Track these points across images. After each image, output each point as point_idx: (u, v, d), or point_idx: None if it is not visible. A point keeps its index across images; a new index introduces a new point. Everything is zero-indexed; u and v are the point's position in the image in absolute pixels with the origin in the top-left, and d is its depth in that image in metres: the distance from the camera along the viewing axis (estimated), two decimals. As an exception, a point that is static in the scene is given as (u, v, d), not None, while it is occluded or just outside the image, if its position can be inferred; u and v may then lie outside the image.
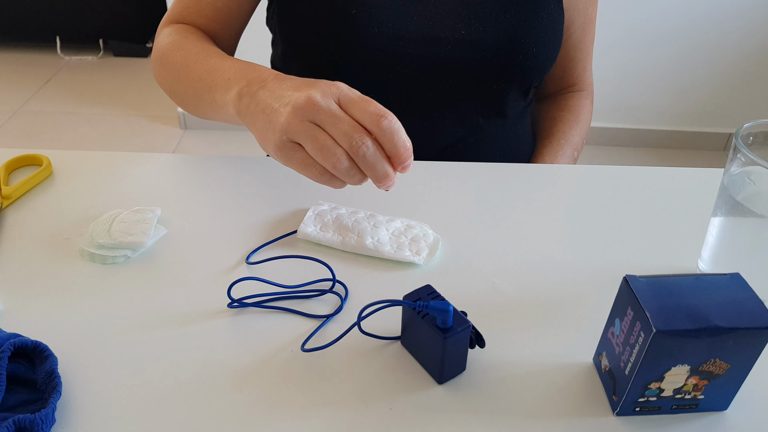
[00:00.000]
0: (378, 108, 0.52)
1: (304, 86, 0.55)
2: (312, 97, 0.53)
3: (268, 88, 0.58)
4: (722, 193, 0.55)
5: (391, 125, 0.52)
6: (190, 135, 2.41)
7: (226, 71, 0.64)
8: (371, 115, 0.52)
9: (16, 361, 0.47)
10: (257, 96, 0.58)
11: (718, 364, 0.45)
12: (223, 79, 0.64)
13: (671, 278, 0.46)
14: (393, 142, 0.52)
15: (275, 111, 0.55)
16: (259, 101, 0.58)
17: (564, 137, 0.91)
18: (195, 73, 0.69)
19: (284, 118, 0.53)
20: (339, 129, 0.52)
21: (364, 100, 0.53)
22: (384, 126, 0.52)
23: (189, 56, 0.71)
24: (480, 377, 0.49)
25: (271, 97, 0.57)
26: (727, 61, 2.30)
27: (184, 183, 0.70)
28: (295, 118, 0.53)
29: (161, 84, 0.78)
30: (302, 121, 0.53)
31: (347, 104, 0.53)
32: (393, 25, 0.75)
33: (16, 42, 2.98)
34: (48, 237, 0.61)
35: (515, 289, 0.58)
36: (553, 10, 0.80)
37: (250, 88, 0.59)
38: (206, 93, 0.67)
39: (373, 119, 0.52)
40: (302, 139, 0.53)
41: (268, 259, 0.60)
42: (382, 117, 0.52)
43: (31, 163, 0.72)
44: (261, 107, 0.57)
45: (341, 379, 0.49)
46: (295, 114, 0.53)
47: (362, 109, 0.53)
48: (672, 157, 2.45)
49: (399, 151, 0.53)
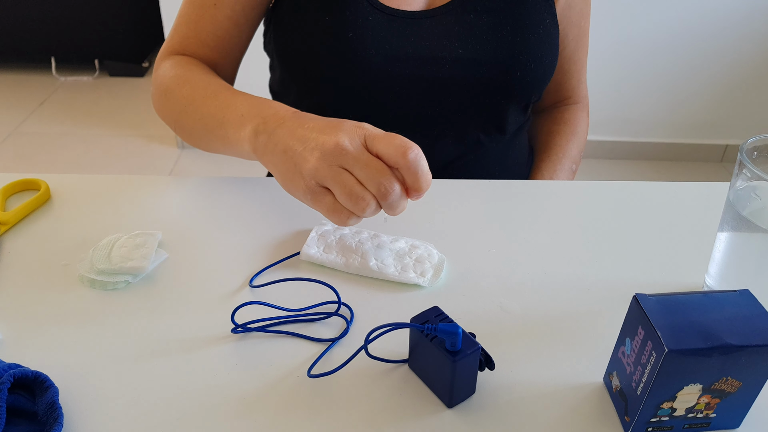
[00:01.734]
0: (403, 141, 0.53)
1: (329, 129, 0.55)
2: (340, 142, 0.53)
3: (287, 127, 0.58)
4: (728, 208, 0.55)
5: (417, 158, 0.53)
6: (187, 154, 2.41)
7: (239, 107, 0.64)
8: (397, 147, 0.53)
9: (17, 392, 0.46)
10: (276, 135, 0.58)
11: (730, 382, 0.44)
12: (236, 115, 0.64)
13: (681, 296, 0.46)
14: (417, 176, 0.53)
15: (299, 155, 0.55)
16: (278, 141, 0.57)
17: (562, 151, 0.91)
18: (205, 108, 0.69)
19: (312, 163, 0.54)
20: (367, 173, 0.53)
21: (389, 135, 0.54)
22: (411, 158, 0.53)
23: (196, 90, 0.71)
24: (490, 400, 0.49)
25: (293, 138, 0.56)
26: (723, 72, 2.32)
27: (184, 205, 0.70)
28: (324, 164, 0.53)
29: (165, 118, 0.77)
30: (331, 167, 0.53)
31: (371, 142, 0.54)
32: (390, 46, 0.75)
33: (10, 63, 2.99)
34: (47, 263, 0.61)
35: (522, 308, 0.57)
36: (549, 25, 0.80)
37: (267, 126, 0.59)
38: (217, 129, 0.66)
39: (399, 151, 0.52)
40: (331, 184, 0.53)
41: (271, 282, 0.59)
42: (408, 149, 0.53)
43: (29, 187, 0.71)
44: (281, 148, 0.57)
45: (349, 405, 0.48)
46: (323, 160, 0.53)
47: (388, 143, 0.53)
48: (669, 169, 2.45)
49: (421, 185, 0.54)
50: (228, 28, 0.79)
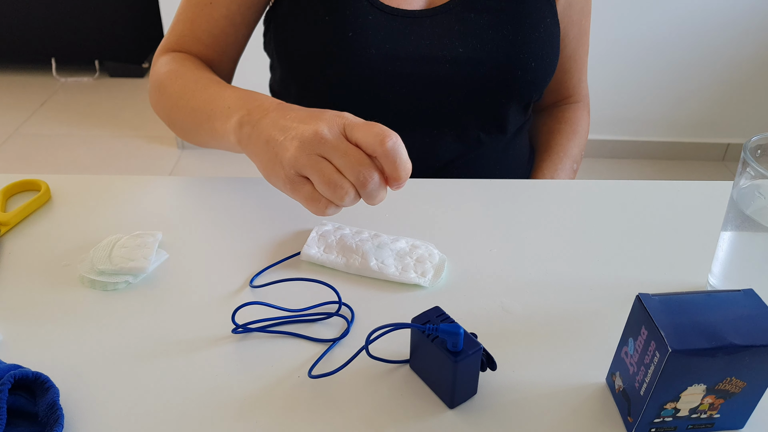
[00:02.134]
0: (382, 129, 0.52)
1: (309, 119, 0.55)
2: (319, 131, 0.53)
3: (271, 118, 0.57)
4: (731, 207, 0.55)
5: (395, 146, 0.52)
6: (187, 155, 2.40)
7: (226, 99, 0.64)
8: (375, 135, 0.52)
9: (17, 393, 0.46)
10: (259, 126, 0.58)
11: (734, 383, 0.44)
12: (223, 107, 0.63)
13: (685, 296, 0.45)
14: (395, 165, 0.52)
15: (280, 144, 0.55)
16: (261, 131, 0.57)
17: (563, 150, 0.91)
18: (194, 101, 0.69)
19: (291, 152, 0.53)
20: (346, 162, 0.52)
21: (368, 123, 0.53)
22: (389, 146, 0.52)
23: (187, 85, 0.71)
24: (492, 400, 0.48)
25: (275, 128, 0.56)
26: (723, 70, 2.31)
27: (185, 206, 0.70)
28: (303, 153, 0.53)
29: (159, 113, 0.78)
30: (309, 155, 0.53)
31: (350, 130, 0.53)
32: (390, 46, 0.75)
33: (11, 64, 2.99)
34: (47, 264, 0.60)
35: (524, 308, 0.57)
36: (550, 24, 0.80)
37: (251, 117, 0.59)
38: (205, 122, 0.66)
39: (377, 140, 0.52)
40: (309, 172, 0.53)
41: (272, 282, 0.59)
42: (386, 137, 0.52)
43: (29, 188, 0.71)
44: (264, 138, 0.57)
45: (350, 406, 0.48)
46: (302, 148, 0.53)
47: (366, 131, 0.53)
48: (671, 168, 2.45)
49: (399, 174, 0.53)
50: (224, 27, 0.79)
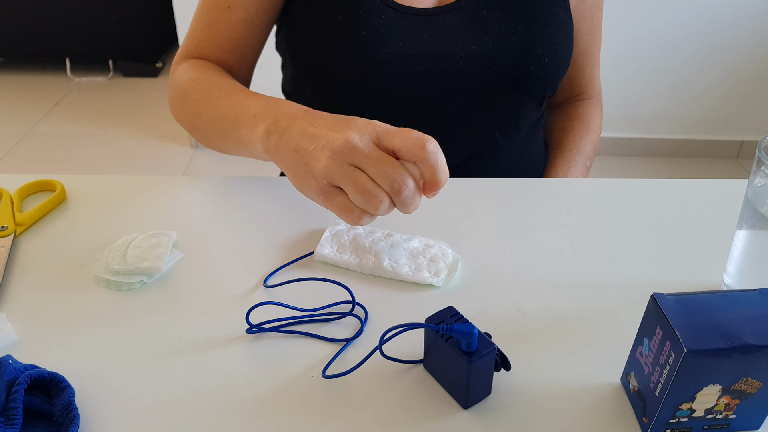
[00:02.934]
0: (419, 134, 0.52)
1: (339, 126, 0.54)
2: (350, 140, 0.52)
3: (299, 126, 0.57)
4: (746, 206, 0.54)
5: (436, 150, 0.52)
6: (201, 154, 2.42)
7: (251, 107, 0.64)
8: (414, 141, 0.52)
9: (33, 393, 0.46)
10: (287, 134, 0.58)
11: (750, 383, 0.43)
12: (249, 115, 0.63)
13: (700, 295, 0.45)
14: (435, 169, 0.52)
15: (310, 154, 0.54)
16: (290, 140, 0.57)
17: (576, 147, 0.90)
18: (218, 110, 0.69)
19: (323, 163, 0.53)
20: (379, 170, 0.51)
21: (403, 130, 0.53)
22: (430, 150, 0.51)
23: (211, 93, 0.71)
24: (506, 401, 0.48)
25: (303, 136, 0.56)
26: (737, 67, 2.29)
27: (199, 205, 0.70)
28: (334, 163, 0.52)
29: (181, 121, 0.78)
30: (342, 165, 0.52)
31: (386, 138, 0.53)
32: (403, 44, 0.75)
33: (25, 64, 3.01)
34: (62, 264, 0.61)
35: (538, 308, 0.57)
36: (563, 19, 0.80)
37: (278, 125, 0.59)
38: (231, 130, 0.66)
39: (417, 144, 0.51)
40: (343, 183, 0.52)
41: (285, 282, 0.59)
42: (427, 142, 0.51)
43: (44, 188, 0.72)
44: (293, 147, 0.56)
45: (364, 406, 0.48)
46: (333, 158, 0.52)
47: (404, 137, 0.52)
48: (684, 166, 2.43)
49: (439, 177, 0.52)
50: (242, 31, 0.79)
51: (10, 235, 0.64)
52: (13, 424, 0.43)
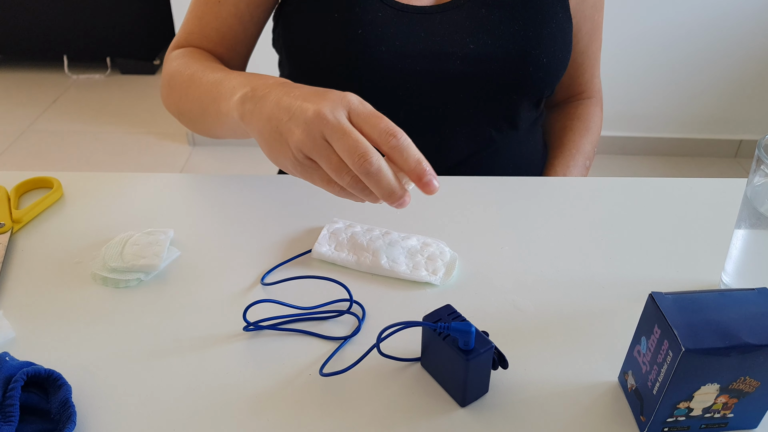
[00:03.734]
0: (388, 126, 0.51)
1: (313, 97, 0.53)
2: (321, 111, 0.51)
3: (274, 95, 0.56)
4: (745, 205, 0.54)
5: (400, 143, 0.50)
6: (199, 151, 2.41)
7: (231, 80, 0.63)
8: (381, 132, 0.51)
9: (30, 390, 0.46)
10: (262, 102, 0.56)
11: (748, 382, 0.43)
12: (228, 88, 0.63)
13: (698, 294, 0.45)
14: (404, 159, 0.50)
15: (285, 125, 0.53)
16: (263, 107, 0.56)
17: (575, 147, 0.90)
18: (201, 88, 0.69)
19: (297, 135, 0.52)
20: (343, 144, 0.50)
21: (374, 116, 0.52)
22: (393, 144, 0.50)
23: (195, 73, 0.71)
24: (503, 399, 0.48)
25: (278, 106, 0.55)
26: (736, 66, 2.29)
27: (197, 203, 0.70)
28: (308, 136, 0.51)
29: (169, 107, 0.78)
30: (315, 138, 0.51)
31: (357, 119, 0.52)
32: (400, 42, 0.75)
33: (23, 61, 3.00)
34: (59, 261, 0.61)
35: (536, 306, 0.57)
36: (562, 19, 0.79)
37: (255, 93, 0.58)
38: (211, 104, 0.66)
39: (383, 138, 0.51)
40: (317, 157, 0.52)
41: (283, 279, 0.59)
42: (391, 136, 0.50)
43: (41, 185, 0.72)
44: (266, 115, 0.55)
45: (361, 404, 0.48)
46: (306, 130, 0.51)
47: (372, 125, 0.51)
48: (683, 165, 2.43)
49: (411, 166, 0.51)
50: (232, 25, 0.79)
51: (7, 232, 0.63)
52: (10, 421, 0.43)
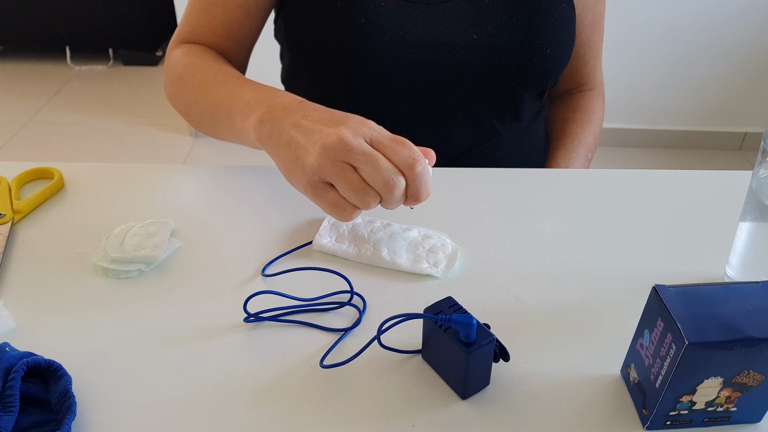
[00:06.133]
0: (412, 151, 0.53)
1: (332, 123, 0.55)
2: (343, 137, 0.52)
3: (292, 118, 0.57)
4: (750, 197, 0.54)
5: (424, 171, 0.53)
6: (201, 143, 2.41)
7: (246, 95, 0.64)
8: (405, 158, 0.53)
9: (30, 380, 0.46)
10: (280, 125, 0.57)
11: (752, 376, 0.43)
12: (243, 103, 0.63)
13: (702, 287, 0.45)
14: (419, 189, 0.54)
15: (302, 147, 0.54)
16: (282, 132, 0.57)
17: (577, 139, 0.90)
18: (213, 97, 0.69)
19: (315, 158, 0.53)
20: (375, 169, 0.52)
21: (396, 142, 0.54)
22: (418, 171, 0.53)
23: (207, 79, 0.71)
24: (505, 392, 0.48)
25: (296, 129, 0.56)
26: (741, 58, 2.28)
27: (197, 194, 0.70)
28: (327, 159, 0.52)
29: (176, 105, 0.77)
30: (334, 162, 0.52)
31: (379, 146, 0.53)
32: (403, 32, 0.74)
33: (26, 53, 3.00)
34: (60, 252, 0.61)
35: (538, 299, 0.56)
36: (565, 9, 0.79)
37: (272, 115, 0.59)
38: (225, 117, 0.66)
39: (407, 163, 0.53)
40: (335, 180, 0.53)
41: (284, 271, 0.59)
42: (416, 161, 0.53)
43: (42, 176, 0.71)
44: (285, 139, 0.56)
45: (361, 395, 0.47)
46: (326, 155, 0.52)
47: (395, 151, 0.53)
48: (687, 157, 2.42)
49: (421, 197, 0.55)
50: (239, 17, 0.78)
51: (8, 223, 0.63)
52: (10, 411, 0.43)
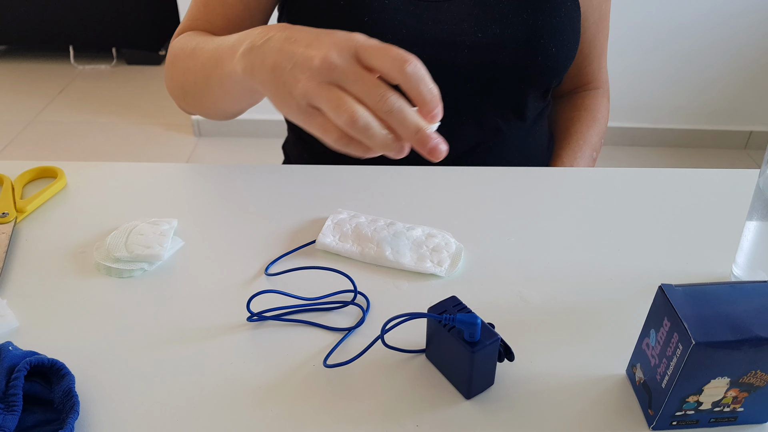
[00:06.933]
0: (400, 52, 0.49)
1: (317, 42, 0.51)
2: (328, 57, 0.49)
3: (275, 41, 0.54)
4: (758, 196, 0.53)
5: (417, 69, 0.48)
6: (204, 142, 2.41)
7: (229, 39, 0.61)
8: (393, 60, 0.48)
9: (33, 380, 0.46)
10: (263, 50, 0.54)
11: (759, 376, 0.43)
12: (227, 47, 0.61)
13: (708, 286, 0.44)
14: (419, 88, 0.49)
15: (289, 73, 0.51)
16: (266, 56, 0.54)
17: (582, 138, 0.89)
18: (204, 55, 0.67)
19: (302, 83, 0.50)
20: (360, 87, 0.48)
21: (384, 46, 0.49)
22: (409, 71, 0.48)
23: (197, 46, 0.69)
24: (509, 391, 0.48)
25: (281, 54, 0.53)
26: (746, 56, 2.27)
27: (201, 193, 0.69)
28: (312, 82, 0.49)
29: (173, 89, 0.77)
30: (320, 84, 0.49)
31: (366, 55, 0.50)
32: (407, 31, 0.74)
33: (29, 52, 3.01)
34: (63, 251, 0.60)
35: (543, 298, 0.56)
36: (570, 8, 0.78)
37: (254, 43, 0.55)
38: (214, 69, 0.64)
39: (396, 64, 0.48)
40: (319, 101, 0.50)
41: (287, 270, 0.58)
42: (405, 61, 0.48)
43: (45, 175, 0.71)
44: (270, 65, 0.53)
45: (365, 395, 0.47)
46: (312, 78, 0.50)
47: (383, 55, 0.49)
48: (692, 156, 2.41)
49: (426, 97, 0.49)
50: (238, 11, 0.78)
51: (11, 222, 0.63)
52: (13, 410, 0.43)
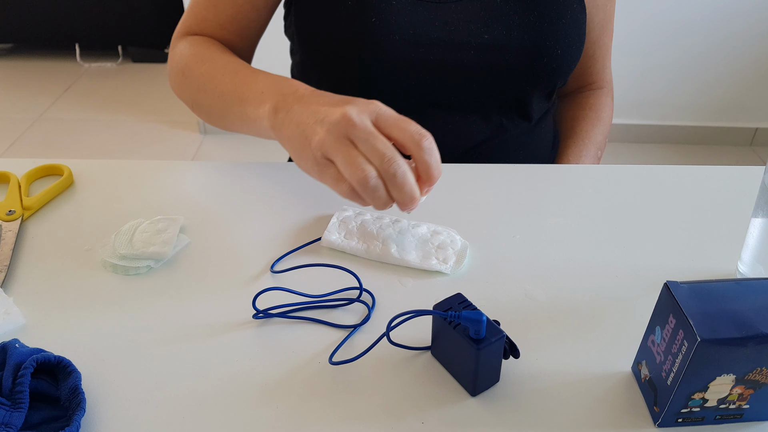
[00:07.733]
0: (418, 127, 0.53)
1: (340, 102, 0.55)
2: (347, 114, 0.53)
3: (304, 103, 0.58)
4: (763, 192, 0.53)
5: (432, 146, 0.53)
6: (210, 140, 2.41)
7: (259, 84, 0.64)
8: (412, 134, 0.53)
9: (39, 377, 0.46)
10: (292, 110, 0.58)
11: (765, 373, 0.43)
12: (256, 92, 0.64)
13: (714, 283, 0.44)
14: (429, 164, 0.53)
15: (310, 127, 0.55)
16: (293, 116, 0.58)
17: (587, 137, 0.89)
18: (223, 86, 0.69)
19: (319, 135, 0.54)
20: (371, 146, 0.52)
21: (403, 120, 0.54)
22: (425, 146, 0.52)
23: (216, 68, 0.71)
24: (515, 389, 0.48)
25: (306, 112, 0.57)
26: (751, 53, 2.26)
27: (206, 191, 0.70)
28: (330, 135, 0.53)
29: (182, 96, 0.77)
30: (336, 138, 0.53)
31: (384, 123, 0.54)
32: (414, 31, 0.74)
33: (35, 50, 3.01)
34: (69, 248, 0.61)
35: (548, 295, 0.56)
36: (576, 10, 0.78)
37: (285, 103, 0.59)
38: (236, 106, 0.67)
39: (414, 138, 0.52)
40: (334, 154, 0.53)
41: (292, 267, 0.59)
42: (423, 136, 0.53)
43: (51, 173, 0.72)
44: (295, 122, 0.57)
45: (371, 392, 0.47)
46: (329, 131, 0.53)
47: (402, 128, 0.53)
48: (697, 153, 2.40)
49: (433, 173, 0.53)
50: (247, 12, 0.78)
51: (18, 219, 0.63)
52: (20, 407, 0.43)
